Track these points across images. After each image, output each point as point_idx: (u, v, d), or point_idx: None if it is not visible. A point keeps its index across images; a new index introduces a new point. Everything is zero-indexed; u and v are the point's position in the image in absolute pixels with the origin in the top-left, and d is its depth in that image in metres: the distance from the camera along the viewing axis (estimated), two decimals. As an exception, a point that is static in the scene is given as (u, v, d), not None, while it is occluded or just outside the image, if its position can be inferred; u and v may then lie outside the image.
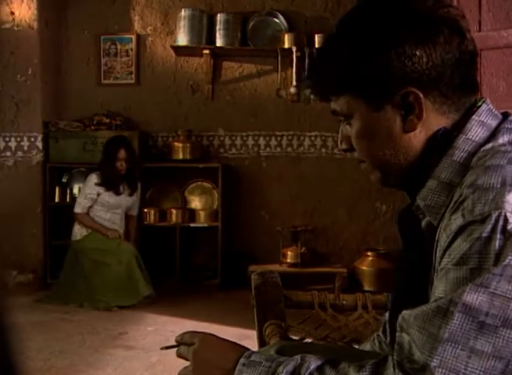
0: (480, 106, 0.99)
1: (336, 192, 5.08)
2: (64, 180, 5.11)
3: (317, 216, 5.11)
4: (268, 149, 5.19)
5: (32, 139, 4.92)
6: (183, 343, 1.11)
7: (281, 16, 5.04)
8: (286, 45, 4.86)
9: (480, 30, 2.62)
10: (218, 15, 4.99)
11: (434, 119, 0.99)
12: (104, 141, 4.74)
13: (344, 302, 1.61)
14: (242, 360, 1.02)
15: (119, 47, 5.18)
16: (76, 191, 5.03)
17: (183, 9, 4.97)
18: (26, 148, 4.92)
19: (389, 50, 0.96)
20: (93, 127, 4.99)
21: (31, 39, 4.81)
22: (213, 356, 1.06)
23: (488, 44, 2.58)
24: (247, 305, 1.99)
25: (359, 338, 1.52)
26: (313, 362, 0.95)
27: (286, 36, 4.89)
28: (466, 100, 1.00)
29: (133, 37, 5.17)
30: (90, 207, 4.62)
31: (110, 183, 4.55)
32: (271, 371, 0.98)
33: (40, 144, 4.92)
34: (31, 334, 3.53)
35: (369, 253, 4.82)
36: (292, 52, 4.83)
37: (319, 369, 0.94)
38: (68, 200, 4.97)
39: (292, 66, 4.88)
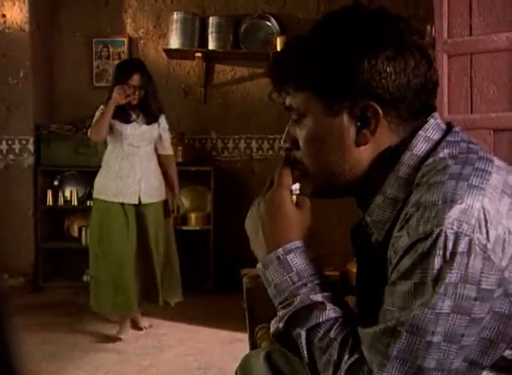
0: (427, 121, 0.99)
1: (328, 195, 5.08)
2: (56, 183, 5.09)
3: (309, 218, 5.11)
4: (260, 152, 5.19)
5: (23, 142, 4.90)
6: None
7: (273, 19, 5.05)
8: (278, 48, 4.86)
9: (471, 34, 2.63)
10: (211, 18, 4.99)
11: (385, 138, 0.99)
12: (97, 144, 4.74)
13: (335, 305, 1.62)
14: (279, 250, 1.02)
15: (111, 50, 5.17)
16: (67, 194, 5.01)
17: (175, 12, 4.97)
18: (17, 150, 4.91)
19: (363, 58, 0.95)
20: (85, 130, 4.96)
21: (23, 41, 4.80)
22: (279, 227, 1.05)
23: (478, 48, 2.59)
24: (239, 309, 1.99)
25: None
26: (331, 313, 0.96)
27: (279, 39, 4.90)
28: (417, 123, 1.00)
29: (126, 39, 5.16)
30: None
31: (117, 110, 3.63)
32: (289, 291, 0.99)
33: (31, 147, 4.91)
34: (22, 337, 3.52)
35: (355, 259, 4.82)
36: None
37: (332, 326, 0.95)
38: (60, 203, 4.96)
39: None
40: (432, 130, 0.99)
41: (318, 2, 5.08)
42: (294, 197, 1.07)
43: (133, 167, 3.70)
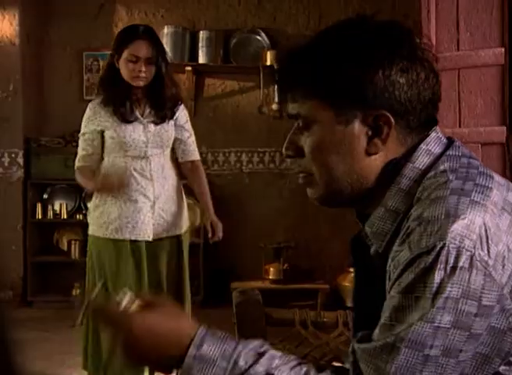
0: (429, 134, 1.00)
1: (318, 208, 5.05)
2: (45, 196, 5.07)
3: (299, 232, 5.12)
4: (250, 165, 5.20)
5: (13, 155, 4.89)
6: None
7: (263, 34, 5.08)
8: (268, 62, 4.89)
9: (458, 50, 2.66)
10: (201, 32, 5.01)
11: (394, 148, 0.99)
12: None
13: (325, 320, 1.62)
14: (191, 350, 0.93)
15: (101, 63, 5.18)
16: (57, 207, 4.99)
17: (165, 26, 4.99)
18: (6, 164, 4.89)
19: (378, 68, 0.96)
20: (74, 143, 4.96)
21: (13, 55, 4.80)
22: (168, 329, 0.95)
23: (466, 63, 2.62)
24: (229, 322, 2.00)
25: (340, 356, 1.52)
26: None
27: (268, 53, 4.92)
28: (423, 134, 1.01)
29: (116, 53, 5.17)
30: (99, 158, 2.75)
31: (113, 100, 2.65)
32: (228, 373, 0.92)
33: (21, 161, 4.89)
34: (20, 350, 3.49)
35: (351, 269, 4.83)
36: (274, 69, 4.87)
37: None
38: (49, 216, 4.93)
39: (274, 83, 4.91)
40: (433, 143, 0.99)
41: (308, 17, 5.11)
42: (135, 304, 0.97)
43: (142, 188, 2.67)
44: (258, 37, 5.08)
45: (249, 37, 5.09)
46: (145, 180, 2.68)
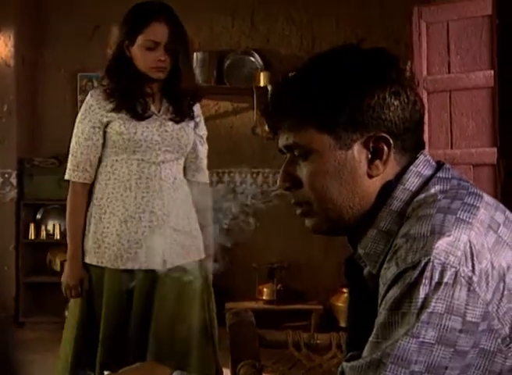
0: (418, 157, 1.02)
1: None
2: (38, 216, 5.06)
3: (293, 252, 5.12)
4: (244, 186, 5.21)
5: (6, 175, 4.89)
6: None
7: (257, 55, 5.12)
8: (262, 83, 4.93)
9: (450, 72, 2.70)
10: (195, 53, 5.05)
11: (392, 169, 1.01)
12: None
13: (318, 341, 1.62)
14: None
15: (95, 84, 5.20)
16: (50, 227, 4.98)
17: (159, 48, 5.03)
18: (0, 184, 4.89)
19: (373, 92, 0.98)
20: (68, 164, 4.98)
21: (7, 76, 4.82)
22: None
23: (457, 85, 2.66)
24: (223, 343, 1.98)
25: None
26: None
27: (262, 74, 4.96)
28: (414, 154, 1.03)
29: (110, 74, 5.20)
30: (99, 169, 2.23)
31: (122, 93, 2.18)
32: None
33: (14, 181, 4.89)
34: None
35: (344, 290, 4.82)
36: (267, 90, 4.90)
37: None
38: (42, 237, 4.92)
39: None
40: (422, 165, 1.01)
41: (301, 39, 5.16)
42: None
43: (151, 201, 2.16)
44: (252, 59, 5.12)
45: (243, 58, 5.13)
46: (152, 192, 2.14)
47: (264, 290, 4.79)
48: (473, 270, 0.87)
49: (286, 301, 4.79)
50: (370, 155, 0.99)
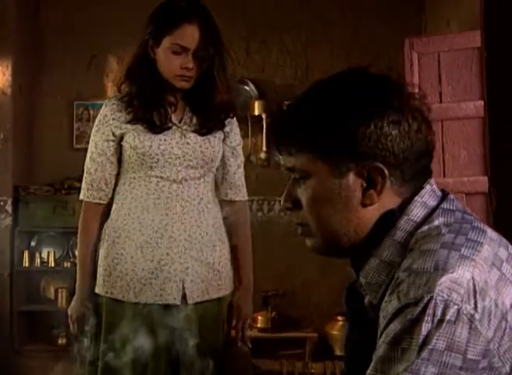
0: (424, 187, 1.02)
1: (306, 256, 5.08)
2: (33, 244, 5.05)
3: (287, 280, 5.11)
4: (238, 213, 5.22)
5: (1, 203, 4.89)
6: None
7: (251, 84, 5.17)
8: (257, 112, 4.97)
9: (441, 102, 2.74)
10: (190, 82, 5.11)
11: (389, 199, 1.01)
12: (75, 205, 4.72)
13: (313, 371, 1.63)
14: None
15: (91, 112, 5.24)
16: (45, 255, 4.96)
17: (155, 77, 5.07)
18: (-5, 211, 4.89)
19: (370, 121, 0.97)
20: (63, 191, 4.98)
21: (5, 105, 4.85)
22: None
23: (448, 114, 2.70)
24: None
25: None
26: None
27: (257, 103, 5.01)
28: (418, 184, 1.03)
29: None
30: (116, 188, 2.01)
31: (142, 102, 1.94)
32: None
33: (9, 208, 4.89)
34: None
35: (339, 317, 4.80)
36: (262, 119, 4.94)
37: None
38: (36, 264, 4.90)
39: (262, 133, 4.99)
40: (427, 195, 1.00)
41: (296, 68, 5.22)
42: None
43: (170, 225, 1.91)
44: (247, 88, 5.17)
45: (238, 87, 5.17)
46: (173, 215, 1.89)
47: (259, 318, 4.77)
48: (475, 308, 0.87)
49: (280, 329, 4.76)
50: (365, 184, 0.99)
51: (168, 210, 1.90)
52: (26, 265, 4.90)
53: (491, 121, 2.13)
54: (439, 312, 0.86)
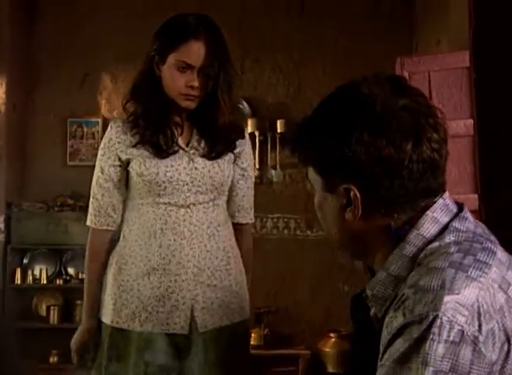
0: (437, 201, 1.01)
1: (298, 273, 5.11)
2: (25, 261, 5.04)
3: (280, 297, 5.12)
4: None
5: (-6, 220, 4.89)
6: None
7: (245, 103, 5.21)
8: (250, 130, 5.01)
9: (431, 120, 2.78)
10: (184, 100, 5.14)
11: (378, 217, 1.01)
12: (67, 222, 4.72)
13: (305, 387, 1.63)
14: None
15: (85, 129, 5.26)
16: (37, 272, 4.95)
17: (149, 94, 5.10)
18: (-13, 229, 4.88)
19: (343, 142, 0.98)
20: (56, 208, 4.99)
21: (-2, 122, 4.87)
22: None
23: (439, 133, 2.73)
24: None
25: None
26: None
27: (250, 121, 5.05)
28: (426, 200, 1.00)
29: (100, 120, 5.26)
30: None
31: (148, 124, 1.86)
32: None
33: (2, 225, 4.88)
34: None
35: (332, 334, 4.82)
36: (255, 137, 4.98)
37: None
38: (28, 281, 4.89)
39: (255, 150, 5.02)
40: (439, 210, 0.99)
41: (288, 87, 5.27)
42: None
43: (178, 250, 1.84)
44: (240, 106, 5.21)
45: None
46: (181, 240, 1.82)
47: (252, 335, 4.77)
48: (480, 330, 0.87)
49: (273, 346, 4.77)
50: (345, 201, 1.01)
51: (176, 235, 1.83)
52: (19, 282, 4.89)
53: (480, 139, 2.16)
54: (443, 333, 0.86)
